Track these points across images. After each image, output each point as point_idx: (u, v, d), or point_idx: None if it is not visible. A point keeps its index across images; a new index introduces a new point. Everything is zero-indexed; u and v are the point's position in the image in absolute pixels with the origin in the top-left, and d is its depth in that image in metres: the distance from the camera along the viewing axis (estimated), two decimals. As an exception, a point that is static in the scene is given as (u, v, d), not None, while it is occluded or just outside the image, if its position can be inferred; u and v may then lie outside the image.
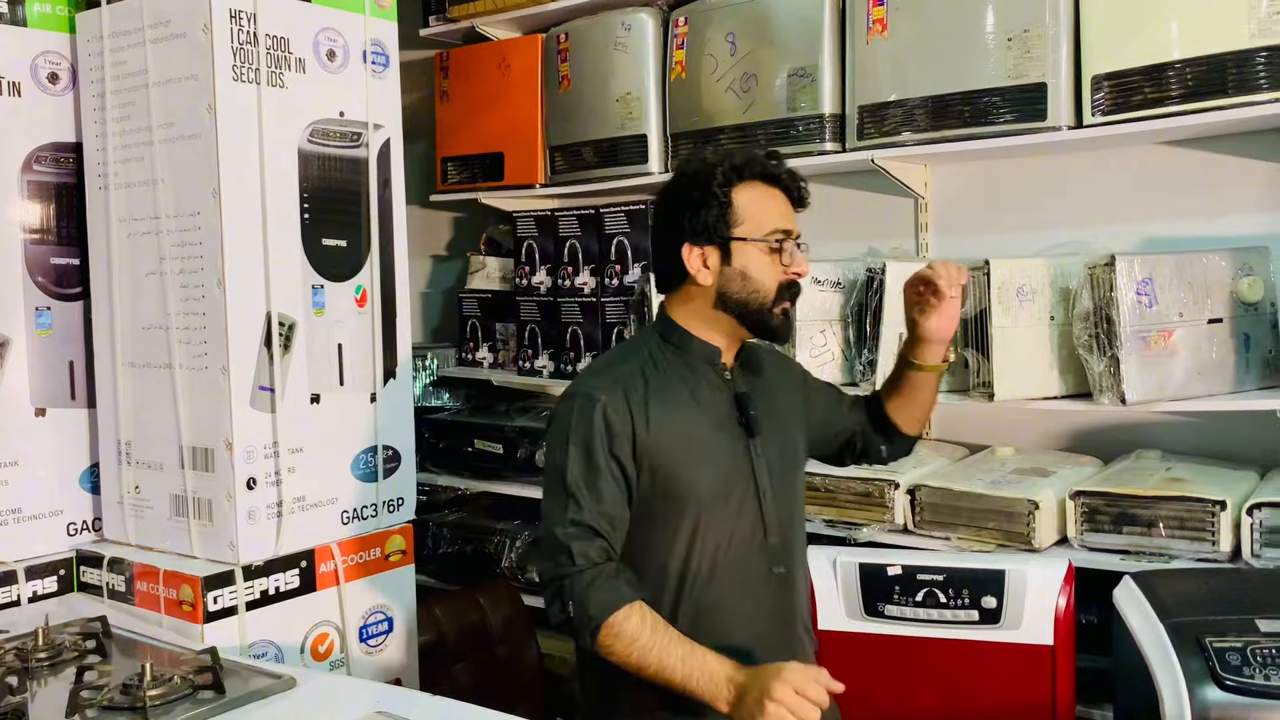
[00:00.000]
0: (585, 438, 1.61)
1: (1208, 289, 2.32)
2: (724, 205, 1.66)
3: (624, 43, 3.13)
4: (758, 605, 1.68)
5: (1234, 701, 1.65)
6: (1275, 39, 2.17)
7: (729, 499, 1.66)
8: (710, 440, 1.67)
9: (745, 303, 1.66)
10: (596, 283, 3.25)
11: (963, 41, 2.55)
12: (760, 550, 1.68)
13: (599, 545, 1.58)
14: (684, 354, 1.71)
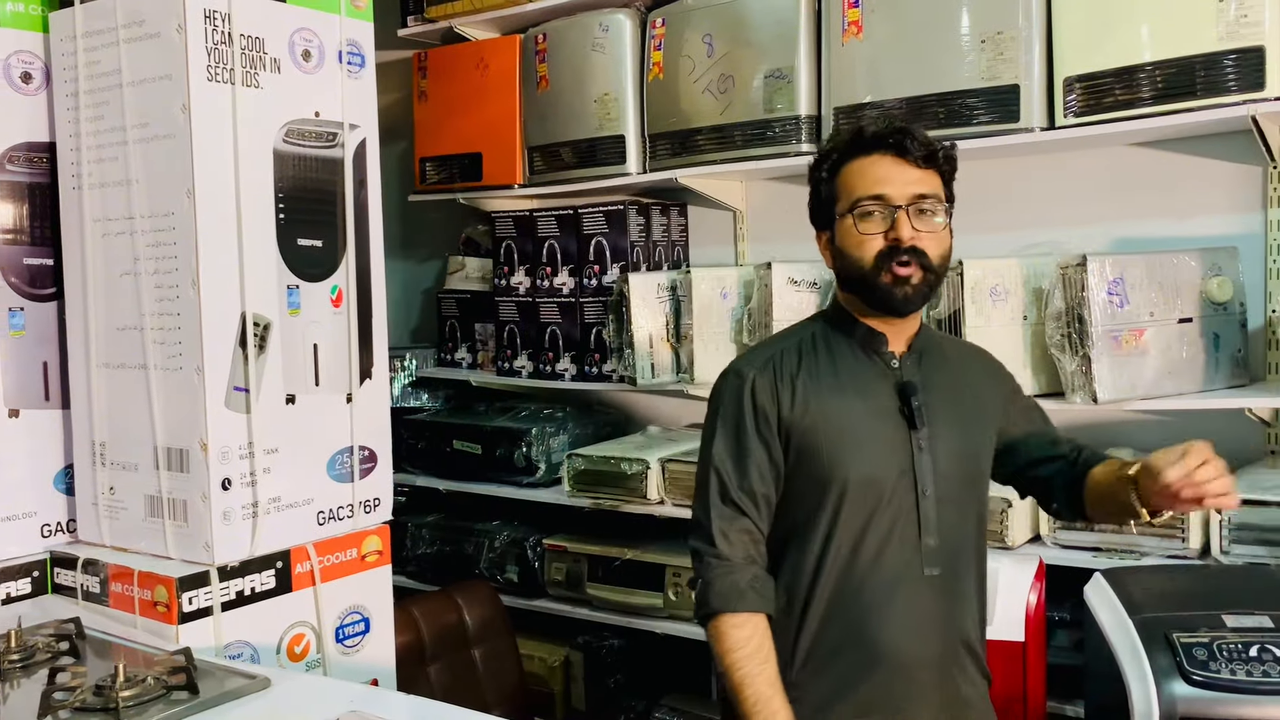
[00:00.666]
0: (733, 415, 1.64)
1: (1178, 289, 2.34)
2: (827, 187, 1.66)
3: (602, 43, 3.14)
4: (908, 606, 1.62)
5: (1200, 696, 1.68)
6: (1242, 42, 2.20)
7: (880, 489, 1.61)
8: (863, 425, 1.63)
9: (850, 278, 1.64)
10: (575, 283, 3.25)
11: (937, 43, 2.57)
12: (913, 548, 1.63)
13: (742, 525, 1.61)
14: (849, 337, 1.68)
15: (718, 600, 1.59)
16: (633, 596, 3.02)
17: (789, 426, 1.62)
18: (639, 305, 2.97)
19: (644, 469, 2.94)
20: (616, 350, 3.06)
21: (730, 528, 1.61)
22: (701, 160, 3.00)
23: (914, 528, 1.62)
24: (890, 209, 1.58)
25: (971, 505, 1.69)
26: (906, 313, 1.64)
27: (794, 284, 2.77)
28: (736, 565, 1.60)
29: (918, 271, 1.58)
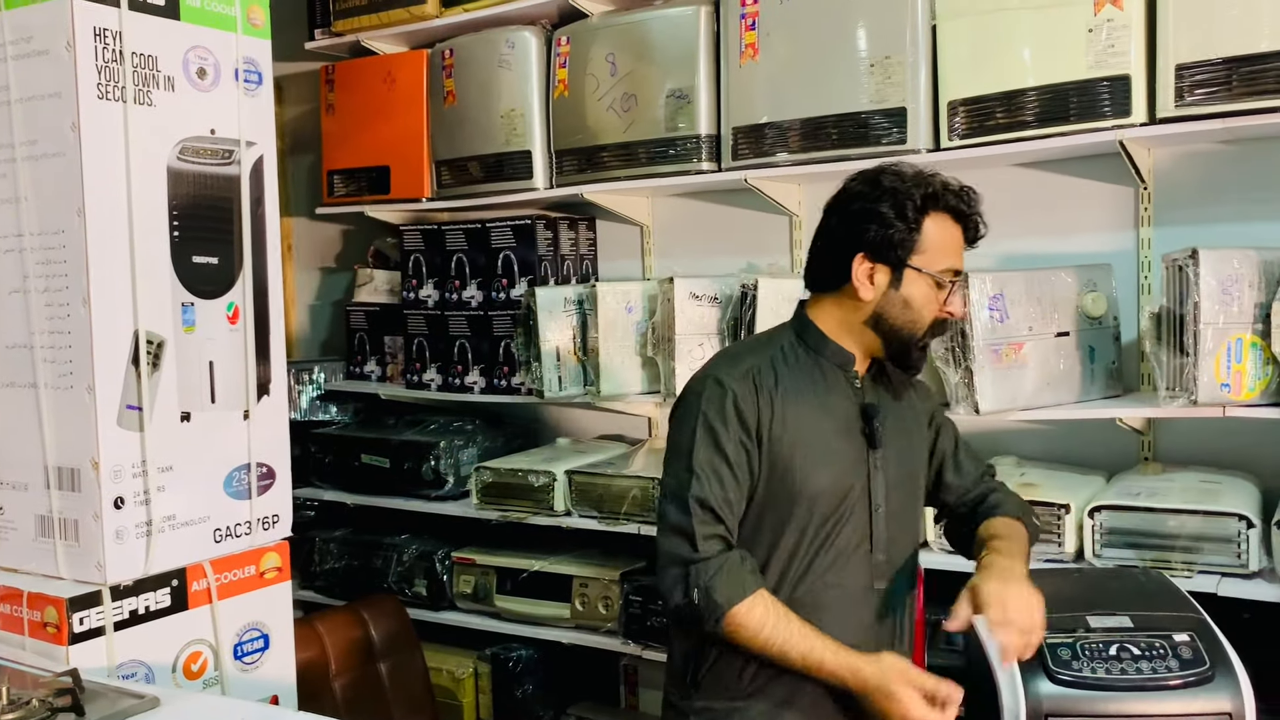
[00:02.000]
0: (714, 423, 1.65)
1: (1055, 304, 2.46)
2: (912, 230, 1.64)
3: (508, 60, 3.17)
4: (858, 617, 1.69)
5: (1065, 694, 1.76)
6: (1110, 70, 2.33)
7: (841, 504, 1.68)
8: (831, 443, 1.69)
9: (899, 330, 1.67)
10: (484, 296, 3.28)
11: (831, 66, 2.66)
12: (864, 562, 1.70)
13: (719, 532, 1.63)
14: (817, 356, 1.72)
15: (724, 597, 1.60)
16: (541, 608, 3.05)
17: (766, 439, 1.65)
18: (546, 319, 3.01)
19: (551, 481, 2.98)
20: (525, 363, 3.09)
21: (709, 533, 1.63)
22: (606, 177, 3.05)
23: (867, 543, 1.69)
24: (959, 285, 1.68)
25: (912, 521, 1.78)
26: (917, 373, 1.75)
27: (695, 298, 2.83)
28: (733, 558, 1.62)
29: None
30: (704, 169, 2.90)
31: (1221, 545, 2.18)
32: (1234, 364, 2.18)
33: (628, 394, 2.99)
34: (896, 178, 1.66)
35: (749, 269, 3.08)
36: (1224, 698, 1.76)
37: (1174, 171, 2.54)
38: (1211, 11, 2.22)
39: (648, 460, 3.06)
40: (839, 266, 1.68)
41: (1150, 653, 1.80)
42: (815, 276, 1.75)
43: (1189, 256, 2.18)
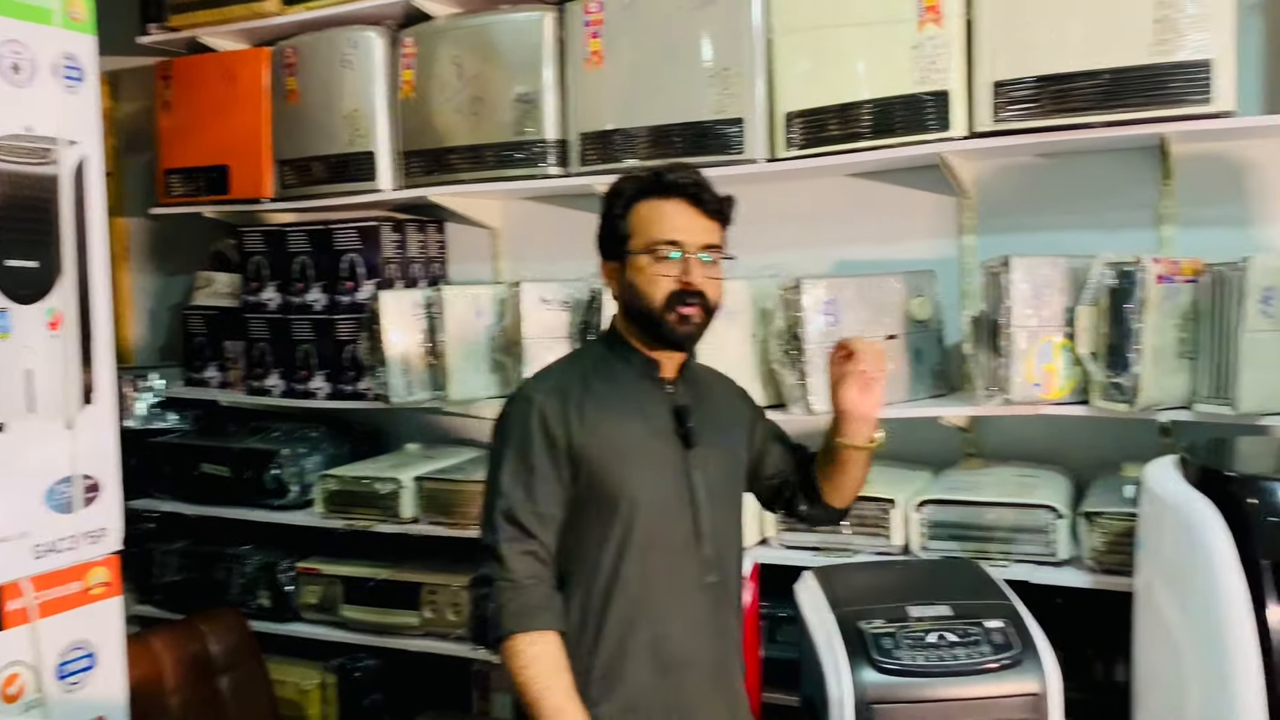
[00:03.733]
0: (521, 439, 1.68)
1: (884, 309, 2.56)
2: (622, 221, 1.71)
3: (351, 60, 3.13)
4: (694, 613, 1.72)
5: (886, 681, 1.86)
6: (933, 86, 2.45)
7: (663, 505, 1.70)
8: (646, 446, 1.71)
9: (639, 311, 1.70)
10: (328, 300, 3.22)
11: (673, 76, 2.72)
12: (693, 559, 1.72)
13: (528, 547, 1.65)
14: (626, 363, 1.75)
15: (511, 621, 1.62)
16: (388, 616, 3.01)
17: (576, 449, 1.68)
18: (393, 322, 2.97)
19: (398, 488, 2.95)
20: (371, 368, 3.04)
21: (516, 550, 1.65)
22: (454, 179, 3.03)
23: (693, 539, 1.72)
24: (681, 254, 1.67)
25: (735, 516, 1.82)
26: (688, 348, 1.75)
27: (545, 303, 2.84)
28: (525, 586, 1.64)
29: (699, 312, 1.69)
30: (552, 173, 2.92)
31: (1034, 536, 2.32)
32: (1045, 365, 2.32)
33: (478, 398, 2.98)
34: (621, 181, 1.75)
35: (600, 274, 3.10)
36: (1032, 680, 1.88)
37: (993, 183, 2.69)
38: (1025, 32, 2.36)
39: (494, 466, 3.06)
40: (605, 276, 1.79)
41: (966, 639, 1.91)
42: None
43: (1003, 264, 2.31)
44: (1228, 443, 2.10)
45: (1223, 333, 2.14)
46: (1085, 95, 2.32)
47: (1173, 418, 2.26)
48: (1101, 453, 2.58)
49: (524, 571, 1.64)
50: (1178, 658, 1.84)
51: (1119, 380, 2.21)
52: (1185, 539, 1.82)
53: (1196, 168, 2.48)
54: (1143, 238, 2.52)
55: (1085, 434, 2.57)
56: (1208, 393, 2.18)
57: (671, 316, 1.68)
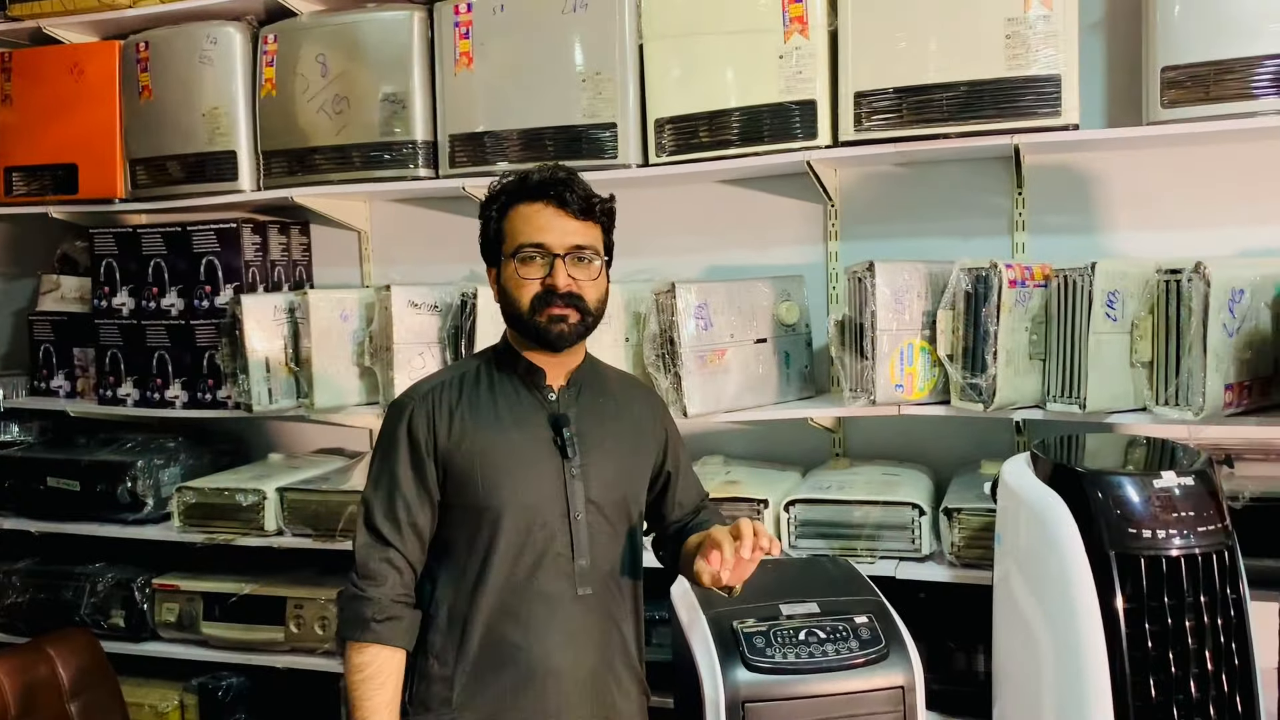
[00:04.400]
0: (387, 445, 1.71)
1: (754, 313, 2.61)
2: (495, 227, 1.72)
3: (210, 56, 3.02)
4: (563, 624, 1.69)
5: (758, 680, 1.89)
6: (800, 95, 2.50)
7: (533, 514, 1.68)
8: (517, 455, 1.69)
9: (510, 314, 1.71)
10: (185, 304, 3.09)
11: (545, 79, 2.70)
12: (566, 570, 1.70)
13: (385, 555, 1.66)
14: (509, 369, 1.75)
15: (345, 628, 1.67)
16: (253, 632, 2.91)
17: (445, 455, 1.68)
18: (254, 328, 2.87)
19: (260, 499, 2.85)
20: (231, 375, 2.93)
21: (372, 556, 1.67)
22: (318, 180, 2.96)
23: (568, 550, 1.70)
24: (549, 256, 1.66)
25: (624, 529, 1.77)
26: (561, 349, 1.71)
27: (415, 306, 2.78)
28: (369, 598, 1.65)
29: (574, 313, 1.68)
30: (421, 175, 2.87)
31: (899, 532, 2.39)
32: (906, 367, 2.39)
33: (345, 405, 2.90)
34: (495, 187, 1.75)
35: (471, 277, 3.07)
36: (897, 673, 1.93)
37: (857, 190, 2.76)
38: (885, 44, 2.43)
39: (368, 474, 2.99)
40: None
41: (834, 635, 1.95)
42: None
43: (866, 269, 2.37)
44: (1077, 440, 2.21)
45: (1071, 335, 2.24)
46: (942, 106, 2.41)
47: (1026, 416, 2.36)
48: (961, 451, 2.68)
49: (376, 581, 1.66)
50: (1033, 646, 1.92)
51: (976, 381, 2.30)
52: (1038, 532, 1.90)
53: (1047, 177, 2.60)
54: (998, 244, 2.63)
55: (945, 433, 2.67)
56: (1058, 392, 2.28)
57: (541, 319, 1.67)
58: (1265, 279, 2.19)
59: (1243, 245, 2.44)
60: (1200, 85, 2.26)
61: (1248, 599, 1.85)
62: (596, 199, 1.73)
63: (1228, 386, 2.14)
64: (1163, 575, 1.78)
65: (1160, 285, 2.18)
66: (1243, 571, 1.85)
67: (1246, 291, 2.15)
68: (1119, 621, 1.78)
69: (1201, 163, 2.49)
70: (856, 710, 1.90)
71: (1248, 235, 2.44)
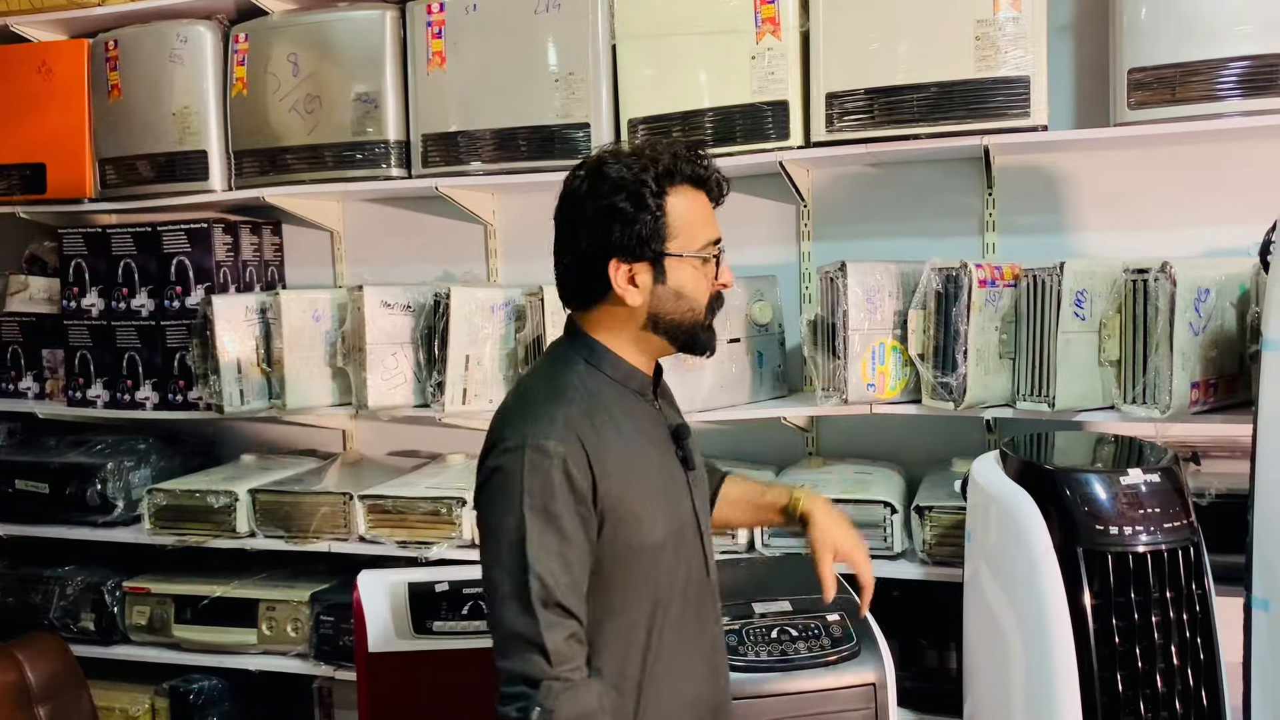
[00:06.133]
0: (545, 499, 1.39)
1: (728, 313, 2.59)
2: (657, 217, 1.46)
3: (180, 55, 2.99)
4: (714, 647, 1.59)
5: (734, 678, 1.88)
6: (772, 96, 2.51)
7: (681, 539, 1.52)
8: (660, 477, 1.52)
9: (680, 323, 1.50)
10: (155, 305, 3.07)
11: (518, 80, 2.70)
12: (709, 591, 1.57)
13: (571, 630, 1.38)
14: (616, 382, 1.51)
15: None
16: (225, 635, 2.89)
17: (606, 498, 1.43)
18: (225, 328, 2.85)
19: (232, 501, 2.83)
20: (202, 376, 2.91)
21: (560, 637, 1.37)
22: (290, 180, 2.94)
23: (702, 568, 1.55)
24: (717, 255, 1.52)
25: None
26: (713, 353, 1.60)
27: (387, 307, 2.77)
28: (579, 684, 1.38)
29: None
30: (394, 175, 2.86)
31: (871, 530, 2.39)
32: (878, 366, 2.41)
33: (317, 407, 2.89)
34: (620, 164, 1.48)
35: (445, 277, 3.06)
36: (869, 670, 1.95)
37: (830, 191, 2.78)
38: (857, 45, 2.44)
39: (341, 474, 2.98)
40: (595, 277, 1.49)
41: (807, 634, 1.97)
42: (571, 293, 1.55)
43: (839, 269, 2.39)
44: (1046, 438, 2.23)
45: (1040, 334, 2.26)
46: (913, 108, 2.42)
47: (996, 415, 2.38)
48: (932, 450, 2.69)
49: (573, 664, 1.38)
50: (1003, 642, 1.94)
51: (946, 380, 2.31)
52: (1008, 529, 1.92)
53: (1016, 178, 2.62)
54: (968, 244, 2.65)
55: (917, 432, 2.68)
56: (1027, 391, 2.30)
57: (708, 325, 1.54)
58: (1230, 279, 2.22)
59: (1209, 245, 2.47)
60: (1167, 87, 2.29)
61: (1213, 594, 1.88)
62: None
63: (1194, 385, 2.17)
64: (1129, 571, 1.80)
65: (1127, 285, 2.21)
66: (1208, 567, 1.88)
67: (1212, 291, 2.17)
68: (1087, 617, 1.80)
69: (1168, 163, 2.52)
70: (829, 707, 1.92)
71: (1214, 235, 2.47)
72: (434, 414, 2.71)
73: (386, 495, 2.70)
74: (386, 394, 2.75)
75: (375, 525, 2.71)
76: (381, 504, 2.70)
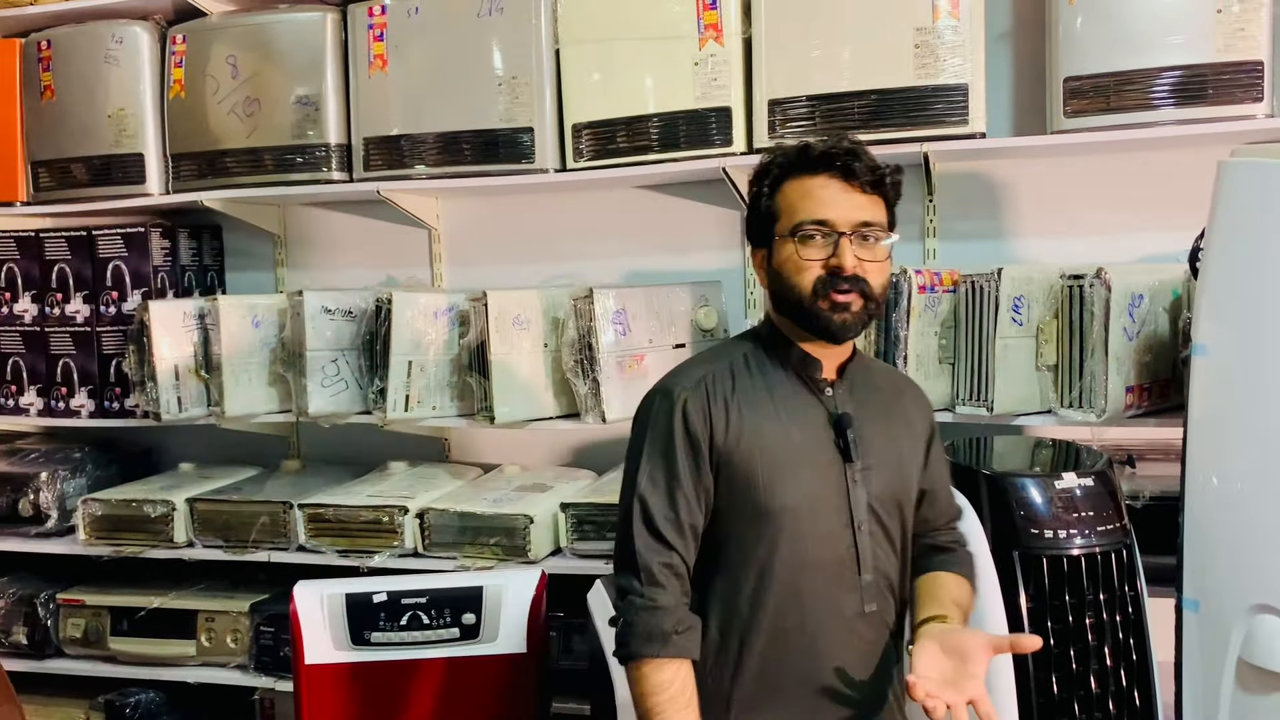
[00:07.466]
0: (662, 438, 1.52)
1: (672, 318, 2.62)
2: (769, 203, 1.56)
3: (115, 55, 2.94)
4: (845, 643, 1.54)
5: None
6: (715, 103, 2.51)
7: (815, 522, 1.52)
8: (798, 455, 1.52)
9: (786, 300, 1.54)
10: (91, 311, 3.01)
11: (461, 83, 2.68)
12: (852, 584, 1.54)
13: (668, 560, 1.50)
14: (781, 360, 1.57)
15: (638, 643, 1.49)
16: (162, 647, 2.84)
17: (721, 452, 1.51)
18: (163, 334, 2.80)
19: (170, 510, 2.78)
20: (139, 383, 2.85)
21: (656, 563, 1.50)
22: (229, 183, 2.90)
23: (853, 563, 1.54)
24: (833, 235, 1.50)
25: (899, 539, 1.61)
26: (844, 339, 1.56)
27: (328, 313, 2.73)
28: (662, 607, 1.49)
29: (858, 299, 1.51)
30: (335, 178, 2.83)
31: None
32: (821, 371, 2.41)
33: (257, 414, 2.85)
34: (767, 159, 1.59)
35: (388, 282, 3.03)
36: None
37: (774, 196, 2.78)
38: (799, 52, 2.46)
39: (281, 483, 2.93)
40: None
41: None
42: None
43: (781, 274, 2.39)
44: (985, 442, 2.25)
45: (978, 339, 2.29)
46: (854, 114, 2.44)
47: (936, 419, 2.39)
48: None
49: (663, 590, 1.49)
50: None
51: (888, 385, 2.33)
52: (946, 533, 1.93)
53: (956, 185, 2.65)
54: (909, 250, 2.66)
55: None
56: (966, 395, 2.33)
57: (823, 305, 1.50)
58: (1164, 284, 2.26)
59: (1144, 251, 2.51)
60: (1102, 95, 2.33)
61: (1145, 596, 1.91)
62: (886, 169, 1.56)
63: (1129, 389, 2.20)
64: (1064, 574, 1.82)
65: (1064, 290, 2.24)
66: (1140, 569, 1.91)
67: (1146, 296, 2.21)
68: (1023, 620, 1.82)
69: (1104, 171, 2.56)
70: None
71: (1148, 242, 2.51)
72: (376, 421, 2.68)
73: (327, 504, 2.66)
74: (327, 401, 2.71)
75: (316, 534, 2.68)
76: (322, 513, 2.66)
